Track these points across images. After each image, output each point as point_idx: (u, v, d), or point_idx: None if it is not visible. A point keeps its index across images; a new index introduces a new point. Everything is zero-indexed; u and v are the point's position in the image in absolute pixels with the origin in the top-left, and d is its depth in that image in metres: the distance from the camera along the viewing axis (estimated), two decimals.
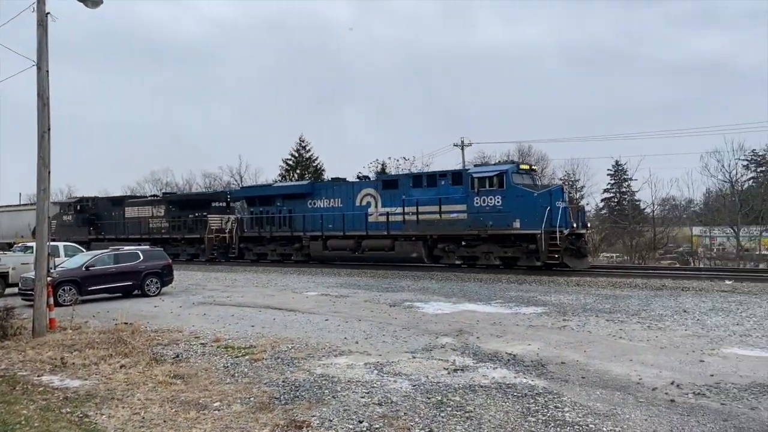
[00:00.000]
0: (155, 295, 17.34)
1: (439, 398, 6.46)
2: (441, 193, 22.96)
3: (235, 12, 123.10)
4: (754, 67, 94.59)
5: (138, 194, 50.86)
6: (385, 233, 24.40)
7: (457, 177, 22.91)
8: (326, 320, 11.97)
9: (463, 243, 22.50)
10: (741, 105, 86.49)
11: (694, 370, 7.45)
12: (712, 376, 7.10)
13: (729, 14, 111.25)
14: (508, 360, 8.21)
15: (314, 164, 58.84)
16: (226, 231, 30.80)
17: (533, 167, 23.48)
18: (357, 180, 27.54)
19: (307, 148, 59.43)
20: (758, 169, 49.30)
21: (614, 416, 5.74)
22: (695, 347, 8.73)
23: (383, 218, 24.46)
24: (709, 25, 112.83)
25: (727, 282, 16.89)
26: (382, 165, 51.31)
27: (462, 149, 47.62)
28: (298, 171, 57.99)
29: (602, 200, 58.23)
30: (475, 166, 23.11)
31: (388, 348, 9.19)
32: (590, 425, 5.50)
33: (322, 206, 26.91)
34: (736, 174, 45.43)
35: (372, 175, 29.15)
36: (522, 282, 18.94)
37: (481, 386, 6.90)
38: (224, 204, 33.33)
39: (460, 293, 16.38)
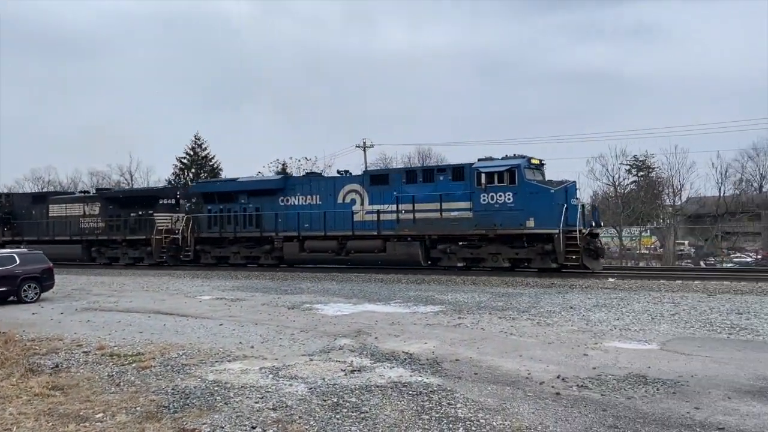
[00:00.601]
0: (33, 302, 16.14)
1: (335, 400, 6.40)
2: (440, 190, 21.24)
3: (130, 4, 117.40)
4: (637, 77, 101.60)
5: (60, 191, 47.34)
6: (375, 233, 22.28)
7: (459, 172, 21.24)
8: (220, 325, 11.61)
9: (462, 243, 20.95)
10: (624, 113, 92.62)
11: (578, 363, 7.83)
12: (594, 368, 7.48)
13: (613, 27, 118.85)
14: (405, 359, 8.28)
15: (211, 163, 57.21)
16: (178, 231, 27.43)
17: (543, 162, 21.68)
18: (338, 175, 24.81)
19: (204, 146, 57.71)
20: (639, 174, 52.93)
21: (504, 410, 5.91)
22: (580, 342, 9.19)
23: (372, 217, 22.36)
24: (595, 37, 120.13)
25: (611, 279, 17.95)
26: (283, 165, 50.71)
27: (364, 151, 47.88)
28: (193, 170, 56.16)
29: None
30: (479, 160, 21.13)
31: (285, 351, 9.03)
32: (481, 420, 5.64)
33: (297, 203, 24.43)
34: (619, 178, 48.69)
35: (357, 171, 25.89)
36: (421, 282, 19.27)
37: (378, 386, 6.91)
38: (173, 201, 29.44)
39: (360, 294, 16.41)
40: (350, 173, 24.84)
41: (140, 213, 28.94)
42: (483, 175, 20.23)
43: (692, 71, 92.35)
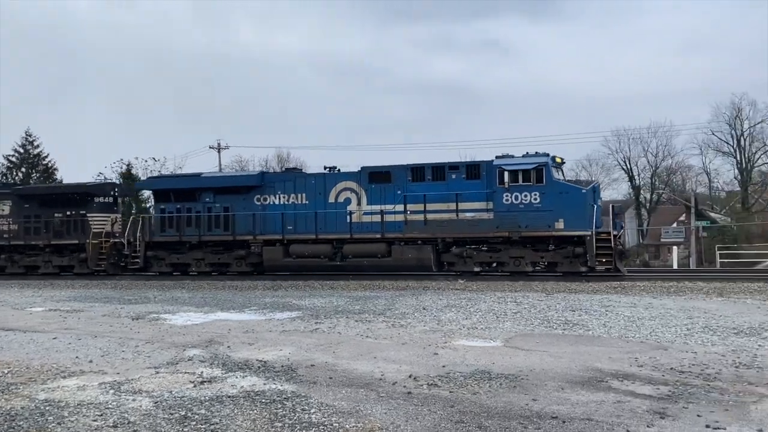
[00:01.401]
0: None
1: (183, 413, 6.08)
2: (453, 188, 20.03)
3: None
4: (487, 89, 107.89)
5: None
6: (379, 236, 20.57)
7: (474, 170, 20.16)
8: (54, 339, 10.63)
9: (476, 246, 19.90)
10: (476, 123, 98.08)
11: (429, 362, 8.09)
12: (444, 367, 7.77)
13: (464, 41, 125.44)
14: (259, 367, 8.08)
15: (44, 162, 52.60)
16: (117, 235, 24.38)
17: (563, 160, 20.75)
18: (327, 171, 22.58)
19: (35, 143, 52.91)
20: None
21: (357, 413, 5.95)
22: (431, 341, 9.52)
23: (374, 218, 20.75)
24: (447, 49, 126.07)
25: (460, 281, 18.83)
26: (128, 165, 47.84)
27: (218, 152, 46.48)
28: (23, 169, 51.32)
29: None
30: (497, 158, 20.00)
31: (128, 365, 8.44)
32: (334, 424, 5.63)
33: (278, 203, 22.17)
34: None
35: (351, 168, 23.40)
36: (278, 288, 18.98)
37: (229, 396, 6.67)
38: (110, 199, 26.07)
39: (212, 302, 15.82)
40: (339, 170, 22.86)
41: (68, 213, 25.02)
42: (506, 173, 19.35)
43: (537, 85, 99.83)
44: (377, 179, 21.25)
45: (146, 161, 48.86)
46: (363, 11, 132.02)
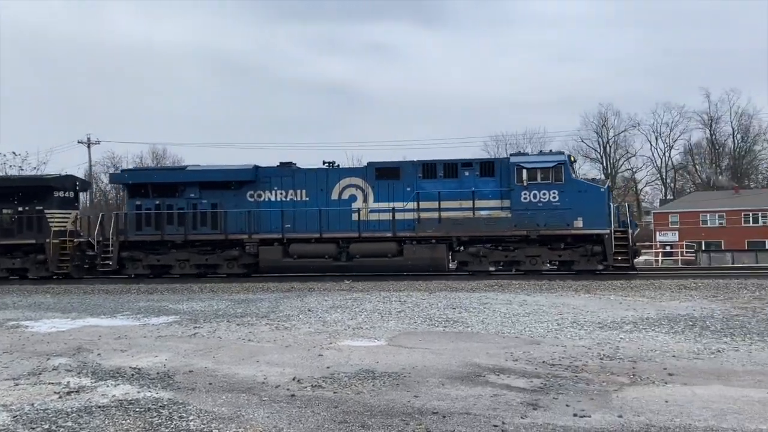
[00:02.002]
0: None
1: (47, 426, 5.62)
2: (467, 186, 19.65)
3: None
4: (375, 91, 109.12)
5: None
6: (389, 234, 19.79)
7: (488, 167, 19.99)
8: None
9: (490, 245, 19.60)
10: (363, 124, 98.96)
11: (313, 364, 8.03)
12: (328, 368, 7.74)
13: (351, 43, 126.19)
14: (133, 375, 7.64)
15: None
16: (82, 234, 21.93)
17: (575, 159, 20.55)
18: (327, 166, 21.40)
19: None
20: None
21: (238, 418, 5.78)
22: (316, 343, 9.45)
23: (383, 215, 19.95)
24: (334, 51, 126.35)
25: (346, 281, 18.87)
26: None
27: (89, 147, 43.73)
28: None
29: None
30: (513, 155, 19.87)
31: None
32: (214, 430, 5.43)
33: (274, 200, 20.83)
34: None
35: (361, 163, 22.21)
36: (153, 291, 18.10)
37: (100, 406, 6.25)
38: (71, 194, 23.24)
39: (81, 307, 14.80)
40: (339, 165, 21.91)
41: (20, 209, 21.96)
42: (525, 171, 19.17)
43: (423, 89, 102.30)
44: (385, 175, 20.56)
45: (4, 155, 44.99)
46: (250, 9, 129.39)
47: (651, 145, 55.43)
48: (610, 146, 54.66)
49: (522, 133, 59.65)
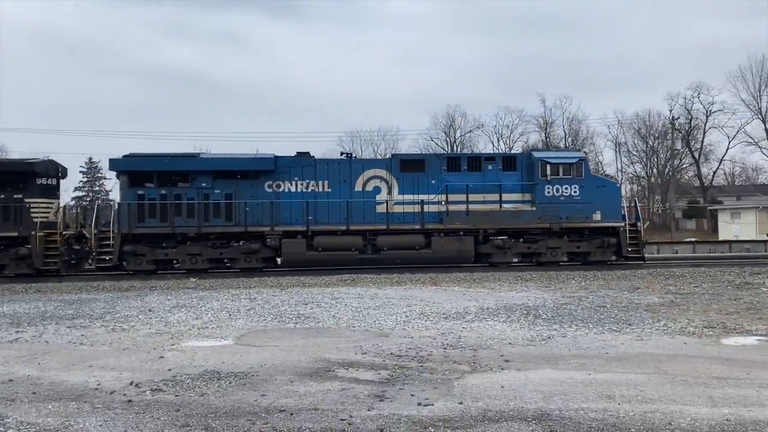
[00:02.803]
0: None
1: None
2: (489, 179, 20.33)
3: None
4: (225, 80, 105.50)
5: None
6: (418, 227, 19.87)
7: (511, 161, 20.78)
8: None
9: (521, 239, 20.35)
10: (213, 114, 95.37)
11: (154, 367, 7.56)
12: (170, 370, 7.33)
13: (202, 29, 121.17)
14: None
15: None
16: (68, 226, 20.02)
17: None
18: (346, 157, 21.24)
19: None
20: None
21: (67, 428, 5.29)
22: (157, 344, 8.92)
23: (407, 208, 20.00)
24: (183, 37, 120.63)
25: (192, 279, 18.09)
26: None
27: None
28: None
29: (73, 198, 55.62)
30: (534, 151, 20.00)
31: None
32: None
33: (295, 190, 20.12)
34: None
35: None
36: None
37: None
38: (54, 181, 20.70)
39: None
40: (350, 155, 21.82)
41: None
42: (549, 167, 20.01)
43: (279, 81, 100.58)
44: (409, 168, 20.67)
45: None
46: None
47: (493, 145, 59.01)
48: (457, 146, 57.32)
49: (376, 130, 60.76)
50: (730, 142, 49.44)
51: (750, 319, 10.77)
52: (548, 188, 20.38)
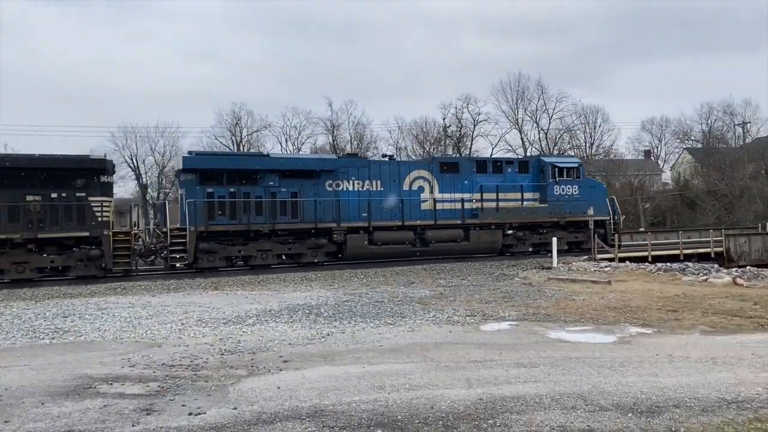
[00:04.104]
0: None
1: None
2: (509, 180, 23.71)
3: None
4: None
5: None
6: (459, 222, 22.82)
7: (525, 165, 24.52)
8: None
9: (537, 231, 24.10)
10: None
11: None
12: None
13: None
14: None
15: None
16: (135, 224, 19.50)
17: None
18: (388, 159, 24.94)
19: None
20: None
21: None
22: None
23: (446, 205, 22.75)
24: None
25: None
26: None
27: None
28: None
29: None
30: (542, 156, 24.86)
31: None
32: None
33: (352, 189, 21.77)
34: None
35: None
36: None
37: None
38: (111, 179, 19.48)
39: None
40: (391, 157, 25.52)
41: (53, 196, 18.02)
42: (557, 170, 23.92)
43: (37, 69, 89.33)
44: (447, 169, 23.25)
45: None
46: None
47: (281, 146, 58.79)
48: (243, 145, 56.14)
49: (154, 126, 56.92)
50: (493, 149, 54.74)
51: (505, 306, 12.08)
52: (556, 188, 24.23)
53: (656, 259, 21.80)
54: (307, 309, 11.86)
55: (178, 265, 19.64)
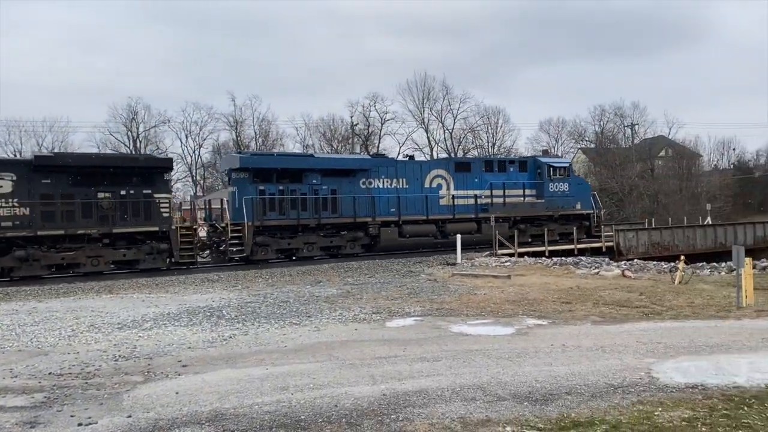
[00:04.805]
0: None
1: None
2: (512, 179, 26.05)
3: None
4: None
5: None
6: (473, 216, 24.89)
7: (524, 164, 27.01)
8: None
9: (534, 224, 26.26)
10: None
11: None
12: None
13: None
14: None
15: None
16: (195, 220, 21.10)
17: None
18: (409, 159, 27.43)
19: None
20: None
21: None
22: None
23: (460, 201, 24.72)
24: None
25: None
26: None
27: None
28: None
29: None
30: (538, 157, 28.17)
31: None
32: None
33: (382, 186, 23.47)
34: None
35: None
36: None
37: None
38: (170, 177, 21.28)
39: None
40: (412, 158, 28.36)
41: (123, 193, 18.83)
42: (551, 169, 26.60)
43: None
44: (461, 168, 25.42)
45: None
46: None
47: (181, 142, 56.70)
48: (140, 141, 53.67)
49: (41, 120, 53.30)
50: (400, 148, 55.30)
51: (410, 302, 12.25)
52: (551, 185, 26.68)
53: (552, 254, 22.93)
54: (208, 311, 11.52)
55: (236, 258, 20.87)
